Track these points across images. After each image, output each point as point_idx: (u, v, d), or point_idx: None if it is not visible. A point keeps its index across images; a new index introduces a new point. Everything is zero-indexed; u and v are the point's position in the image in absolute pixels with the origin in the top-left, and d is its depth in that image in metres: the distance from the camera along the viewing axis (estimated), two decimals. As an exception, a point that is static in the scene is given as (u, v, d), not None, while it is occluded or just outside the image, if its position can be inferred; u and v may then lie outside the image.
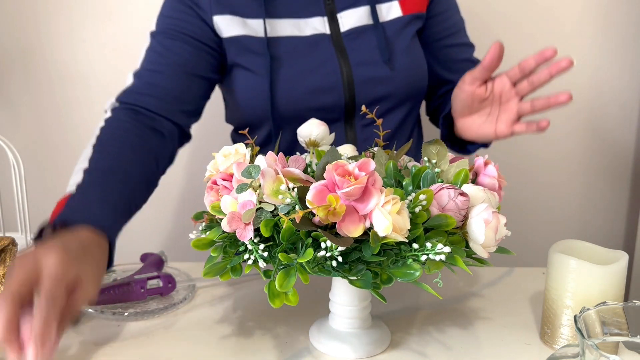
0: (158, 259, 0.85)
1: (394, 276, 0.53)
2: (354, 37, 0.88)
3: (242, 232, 0.53)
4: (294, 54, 0.87)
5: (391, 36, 0.89)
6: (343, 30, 0.88)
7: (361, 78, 0.86)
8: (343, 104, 0.87)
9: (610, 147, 1.52)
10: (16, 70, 1.46)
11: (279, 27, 0.87)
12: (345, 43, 0.87)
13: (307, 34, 0.87)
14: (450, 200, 0.55)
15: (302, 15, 0.88)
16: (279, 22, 0.87)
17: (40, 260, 0.52)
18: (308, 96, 0.85)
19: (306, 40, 0.87)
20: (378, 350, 0.64)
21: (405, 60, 0.89)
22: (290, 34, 0.87)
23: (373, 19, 0.88)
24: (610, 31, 1.44)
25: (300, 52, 0.87)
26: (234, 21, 0.86)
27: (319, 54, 0.87)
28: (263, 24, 0.86)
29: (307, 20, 0.88)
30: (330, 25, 0.88)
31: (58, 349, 0.64)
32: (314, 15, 0.88)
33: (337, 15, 0.88)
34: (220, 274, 0.57)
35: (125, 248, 1.60)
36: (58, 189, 1.54)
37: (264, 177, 0.53)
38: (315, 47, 0.87)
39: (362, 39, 0.88)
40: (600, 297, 0.59)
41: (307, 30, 0.87)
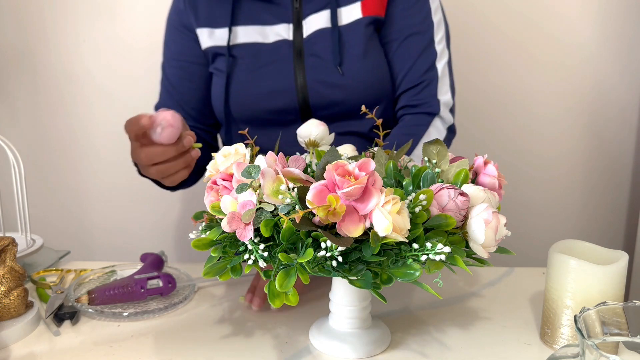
0: (158, 259, 0.85)
1: (394, 276, 0.53)
2: (313, 41, 0.89)
3: (242, 232, 0.53)
4: (255, 59, 0.90)
5: (347, 40, 0.88)
6: (305, 35, 0.89)
7: (313, 81, 0.88)
8: (297, 106, 0.89)
9: (610, 148, 1.52)
10: (16, 70, 1.46)
11: (243, 34, 0.91)
12: (305, 47, 0.89)
13: (270, 41, 0.90)
14: (450, 200, 0.55)
15: (269, 22, 0.90)
16: (244, 29, 0.91)
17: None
18: (262, 98, 0.89)
19: (268, 46, 0.90)
20: (378, 350, 0.64)
21: (358, 65, 0.87)
22: (254, 40, 0.90)
23: (332, 22, 0.89)
24: (610, 31, 1.44)
25: (261, 58, 0.90)
26: (205, 33, 0.92)
27: (278, 59, 0.89)
28: (228, 32, 0.90)
29: (272, 27, 0.90)
30: (294, 31, 0.89)
31: (58, 349, 0.64)
32: (280, 22, 0.90)
33: (303, 21, 0.90)
34: (220, 274, 0.57)
35: (125, 248, 1.61)
36: (58, 189, 1.55)
37: (264, 177, 0.53)
38: (275, 53, 0.90)
39: (320, 43, 0.89)
40: (600, 297, 0.59)
41: (271, 36, 0.90)
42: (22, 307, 0.68)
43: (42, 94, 1.48)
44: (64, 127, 1.50)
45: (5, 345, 0.64)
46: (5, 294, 0.66)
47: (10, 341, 0.65)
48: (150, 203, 1.54)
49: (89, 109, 1.48)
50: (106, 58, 1.45)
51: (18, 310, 0.67)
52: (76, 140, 1.51)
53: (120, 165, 1.51)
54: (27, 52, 1.45)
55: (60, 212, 1.54)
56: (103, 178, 1.53)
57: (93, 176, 1.53)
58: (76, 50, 1.44)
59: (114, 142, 1.50)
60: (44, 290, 0.79)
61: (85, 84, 1.47)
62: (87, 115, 1.49)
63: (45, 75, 1.46)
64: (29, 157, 1.49)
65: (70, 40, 1.44)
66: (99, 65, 1.45)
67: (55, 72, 1.46)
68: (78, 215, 1.55)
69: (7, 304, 0.66)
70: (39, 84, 1.47)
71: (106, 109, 1.48)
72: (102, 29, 1.43)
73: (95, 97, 1.47)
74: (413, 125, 0.90)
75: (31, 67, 1.46)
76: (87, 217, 1.56)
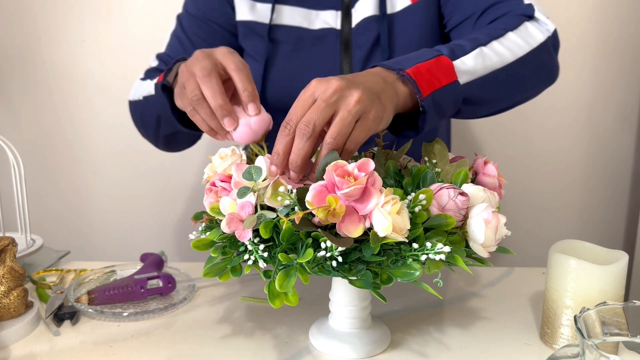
0: (158, 259, 0.85)
1: (394, 276, 0.53)
2: (361, 31, 0.84)
3: (241, 233, 0.53)
4: (297, 46, 0.84)
5: (399, 29, 0.83)
6: (354, 24, 0.84)
7: None
8: None
9: (610, 147, 1.52)
10: (16, 70, 1.46)
11: (287, 14, 0.85)
12: (353, 39, 0.84)
13: (315, 28, 0.84)
14: (450, 200, 0.55)
15: (315, 6, 0.84)
16: (288, 10, 0.85)
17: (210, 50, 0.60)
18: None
19: (313, 33, 0.84)
20: (378, 350, 0.64)
21: None
22: (298, 24, 0.84)
23: (380, 10, 0.82)
24: (610, 31, 1.43)
25: (304, 45, 0.84)
26: (245, 5, 0.86)
27: (323, 49, 0.84)
28: (271, 10, 0.84)
29: (318, 13, 0.84)
30: (343, 20, 0.84)
31: (58, 349, 0.64)
32: (327, 8, 0.84)
33: (352, 9, 0.84)
34: (219, 275, 0.57)
35: (125, 248, 1.61)
36: (58, 189, 1.55)
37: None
38: (320, 42, 0.84)
39: (367, 34, 0.83)
40: (600, 297, 0.59)
41: (317, 23, 0.84)
42: (22, 307, 0.68)
43: (42, 94, 1.48)
44: (64, 127, 1.50)
45: (5, 345, 0.64)
46: (5, 294, 0.66)
47: (10, 341, 0.65)
48: (150, 203, 1.54)
49: (89, 109, 1.48)
50: (106, 58, 1.45)
51: (18, 310, 0.67)
52: (76, 140, 1.51)
53: (121, 165, 1.52)
54: (27, 52, 1.45)
55: (60, 212, 1.54)
56: (103, 178, 1.53)
57: (93, 176, 1.53)
58: (76, 50, 1.44)
59: (114, 142, 1.50)
60: (44, 290, 0.79)
61: (85, 84, 1.47)
62: (87, 115, 1.49)
63: (46, 75, 1.46)
64: (29, 157, 1.49)
65: (70, 40, 1.44)
66: (99, 65, 1.45)
67: (55, 72, 1.46)
68: (78, 215, 1.55)
69: (7, 304, 0.66)
70: (39, 84, 1.47)
71: (106, 109, 1.48)
72: (102, 28, 1.43)
73: (95, 97, 1.47)
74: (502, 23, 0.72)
75: (31, 67, 1.46)
76: (87, 217, 1.56)
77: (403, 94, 0.58)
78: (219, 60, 0.60)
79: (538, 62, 0.71)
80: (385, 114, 0.56)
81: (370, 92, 0.55)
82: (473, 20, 0.79)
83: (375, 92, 0.55)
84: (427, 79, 0.58)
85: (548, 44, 0.72)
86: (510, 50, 0.67)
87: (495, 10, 0.77)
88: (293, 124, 0.54)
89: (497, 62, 0.65)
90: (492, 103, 0.68)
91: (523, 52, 0.68)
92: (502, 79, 0.66)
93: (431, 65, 0.60)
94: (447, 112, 0.62)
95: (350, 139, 0.54)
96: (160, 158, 1.50)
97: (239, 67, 0.59)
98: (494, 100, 0.68)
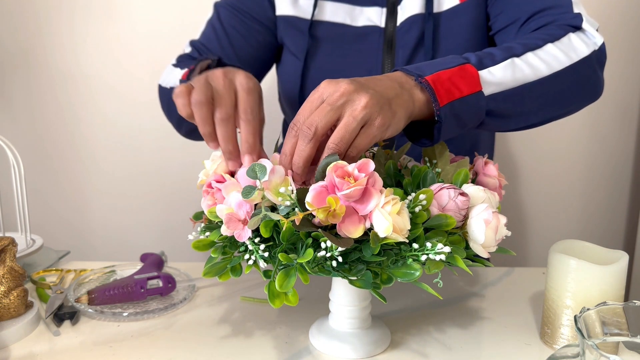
0: (158, 259, 0.85)
1: (394, 276, 0.53)
2: (405, 30, 0.81)
3: (240, 233, 0.53)
4: (338, 43, 0.82)
5: (445, 29, 0.79)
6: (399, 23, 0.81)
7: None
8: None
9: (610, 147, 1.52)
10: (16, 70, 1.46)
11: (330, 10, 0.83)
12: (397, 37, 0.81)
13: (358, 25, 0.82)
14: (450, 200, 0.55)
15: (360, 2, 0.82)
16: (332, 5, 0.83)
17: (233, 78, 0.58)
18: None
19: (355, 30, 0.82)
20: (378, 350, 0.64)
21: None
22: (340, 20, 0.82)
23: (426, 7, 0.79)
24: (610, 31, 1.43)
25: (345, 42, 0.82)
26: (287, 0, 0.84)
27: (365, 48, 0.81)
28: (313, 5, 0.82)
29: (362, 9, 0.82)
30: (388, 17, 0.81)
31: (58, 349, 0.64)
32: (372, 5, 0.82)
33: (398, 7, 0.81)
34: (219, 274, 0.57)
35: (125, 248, 1.61)
36: (58, 189, 1.55)
37: (274, 174, 0.53)
38: (363, 40, 0.82)
39: (411, 33, 0.80)
40: (600, 297, 0.59)
41: (360, 20, 0.82)
42: (22, 307, 0.68)
43: (43, 94, 1.48)
44: (64, 127, 1.50)
45: (5, 345, 0.64)
46: (5, 294, 0.66)
47: (10, 341, 0.65)
48: (150, 203, 1.54)
49: (89, 109, 1.48)
50: (106, 58, 1.45)
51: (18, 310, 0.67)
52: (76, 140, 1.51)
53: (121, 165, 1.52)
54: (26, 52, 1.45)
55: (60, 212, 1.54)
56: (103, 178, 1.53)
57: (93, 176, 1.53)
58: (75, 50, 1.44)
59: (114, 142, 1.50)
60: (44, 290, 0.79)
61: (85, 84, 1.47)
62: (86, 115, 1.49)
63: (46, 76, 1.46)
64: (28, 157, 1.49)
65: (70, 40, 1.44)
66: (98, 65, 1.45)
67: (55, 72, 1.46)
68: (78, 215, 1.55)
69: (7, 304, 0.66)
70: (40, 84, 1.47)
71: (106, 109, 1.48)
72: (102, 29, 1.43)
73: (95, 97, 1.47)
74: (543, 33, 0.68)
75: (31, 67, 1.46)
76: (87, 217, 1.56)
77: (419, 101, 0.56)
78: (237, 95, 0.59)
79: (578, 78, 0.66)
80: (395, 121, 0.54)
81: (380, 98, 0.53)
82: (517, 26, 0.76)
83: (386, 98, 0.54)
84: (447, 87, 0.56)
85: (592, 58, 0.67)
86: (546, 63, 0.63)
87: (541, 18, 0.73)
88: (299, 125, 0.53)
89: (530, 75, 0.61)
90: (522, 117, 0.64)
91: (562, 65, 0.64)
92: (534, 94, 0.62)
93: (454, 73, 0.57)
94: (468, 123, 0.59)
95: (353, 145, 0.53)
96: (161, 158, 1.50)
97: (248, 118, 0.58)
98: (524, 115, 0.64)
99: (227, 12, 0.87)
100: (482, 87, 0.58)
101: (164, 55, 1.42)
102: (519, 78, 0.61)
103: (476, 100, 0.58)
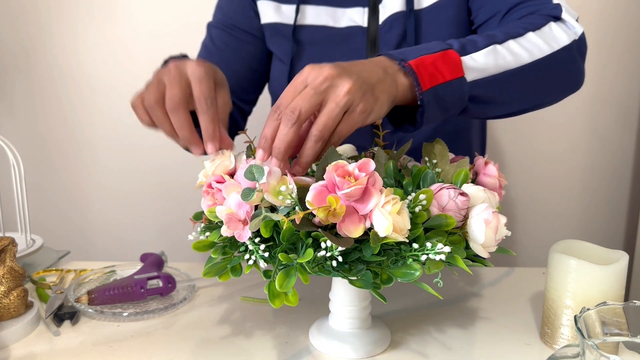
0: (158, 259, 0.85)
1: (394, 276, 0.53)
2: (388, 28, 0.82)
3: (240, 233, 0.53)
4: (322, 45, 0.83)
5: (425, 26, 0.80)
6: (381, 21, 0.82)
7: None
8: None
9: (610, 147, 1.52)
10: (17, 70, 1.46)
11: (312, 14, 0.84)
12: (380, 36, 0.81)
13: (341, 26, 0.83)
14: (450, 200, 0.55)
15: (342, 3, 0.83)
16: (314, 9, 0.84)
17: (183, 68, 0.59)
18: None
19: (339, 32, 0.83)
20: (378, 350, 0.64)
21: None
22: (323, 23, 0.83)
23: (407, 5, 0.80)
24: (610, 31, 1.44)
25: (330, 44, 0.83)
26: (270, 7, 0.86)
27: (349, 48, 0.82)
28: (295, 10, 0.83)
29: (345, 10, 0.83)
30: (370, 17, 0.82)
31: (58, 349, 0.64)
32: (354, 5, 0.82)
33: (380, 5, 0.82)
34: (219, 274, 0.57)
35: (125, 248, 1.61)
36: (58, 189, 1.55)
37: (270, 176, 0.53)
38: (347, 40, 0.82)
39: (394, 31, 0.81)
40: (600, 297, 0.59)
41: (343, 21, 0.83)
42: (22, 307, 0.68)
43: (43, 94, 1.48)
44: (64, 127, 1.50)
45: (5, 346, 0.64)
46: (5, 294, 0.66)
47: (10, 341, 0.65)
48: (150, 203, 1.54)
49: (89, 109, 1.48)
50: (105, 58, 1.45)
51: (18, 310, 0.67)
52: (76, 140, 1.51)
53: (120, 165, 1.52)
54: (26, 52, 1.45)
55: (60, 212, 1.54)
56: (103, 178, 1.53)
57: (93, 176, 1.53)
58: (75, 50, 1.44)
59: (113, 142, 1.50)
60: (44, 290, 0.79)
61: (86, 84, 1.47)
62: (87, 115, 1.49)
63: (45, 76, 1.46)
64: (28, 157, 1.49)
65: (69, 40, 1.44)
66: (98, 65, 1.45)
67: (55, 73, 1.46)
68: (78, 215, 1.55)
69: (7, 304, 0.66)
70: (40, 84, 1.47)
71: (106, 109, 1.48)
72: (104, 29, 1.43)
73: (95, 97, 1.47)
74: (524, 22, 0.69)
75: (32, 67, 1.46)
76: (87, 217, 1.56)
77: (402, 85, 0.57)
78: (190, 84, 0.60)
79: (559, 66, 0.67)
80: (377, 106, 0.54)
81: (362, 83, 0.53)
82: (498, 18, 0.77)
83: (369, 84, 0.54)
84: (431, 72, 0.56)
85: (573, 47, 0.68)
86: (528, 50, 0.64)
87: (522, 9, 0.74)
88: (282, 108, 0.53)
89: (512, 61, 0.62)
90: (505, 104, 0.65)
91: (543, 54, 0.64)
92: (516, 80, 0.63)
93: (437, 58, 0.57)
94: (451, 109, 0.59)
95: (335, 132, 0.53)
96: (161, 158, 1.50)
97: (203, 108, 0.59)
98: (506, 102, 0.65)
99: (218, 30, 0.90)
100: (464, 73, 0.58)
101: (165, 55, 1.42)
102: (500, 65, 0.61)
103: (459, 86, 0.58)
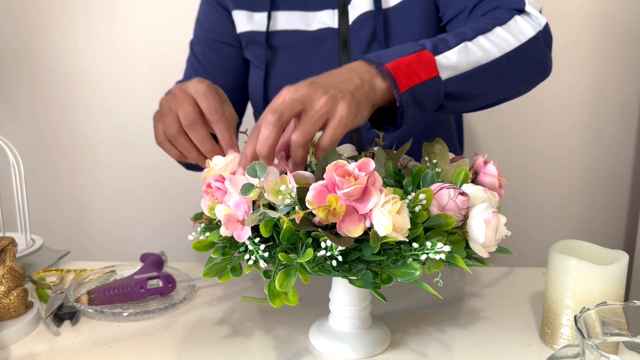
0: (158, 259, 0.85)
1: (394, 276, 0.53)
2: (358, 28, 0.83)
3: (239, 234, 0.53)
4: (297, 49, 0.85)
5: (396, 24, 0.82)
6: (351, 22, 0.83)
7: None
8: None
9: (610, 147, 1.52)
10: (17, 70, 1.46)
11: (284, 20, 0.85)
12: (350, 36, 0.83)
13: (313, 29, 0.85)
14: (450, 199, 0.55)
15: (312, 7, 0.85)
16: (285, 15, 0.85)
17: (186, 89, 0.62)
18: None
19: (311, 35, 0.84)
20: (378, 350, 0.64)
21: None
22: (296, 27, 0.85)
23: (375, 5, 0.82)
24: (610, 31, 1.43)
25: (303, 47, 0.85)
26: (243, 16, 0.87)
27: (322, 50, 0.84)
28: (267, 17, 0.85)
29: (315, 14, 0.85)
30: (340, 18, 0.83)
31: (58, 349, 0.64)
32: (323, 8, 0.84)
33: (348, 6, 0.83)
34: (219, 275, 0.57)
35: (125, 248, 1.61)
36: (58, 189, 1.55)
37: (270, 175, 0.53)
38: (319, 43, 0.84)
39: (364, 30, 0.83)
40: (600, 297, 0.59)
41: (315, 24, 0.85)
42: (22, 307, 0.68)
43: (43, 94, 1.48)
44: (64, 128, 1.50)
45: (5, 346, 0.64)
46: (5, 294, 0.66)
47: (10, 341, 0.65)
48: (150, 203, 1.54)
49: (89, 110, 1.48)
50: (106, 59, 1.45)
51: (18, 310, 0.67)
52: (76, 141, 1.51)
53: (120, 165, 1.52)
54: (26, 52, 1.45)
55: (60, 212, 1.54)
56: (103, 178, 1.53)
57: (93, 176, 1.53)
58: (75, 50, 1.44)
59: (113, 142, 1.50)
60: (44, 290, 0.79)
61: (87, 85, 1.47)
62: (86, 115, 1.49)
63: (45, 76, 1.46)
64: (28, 157, 1.49)
65: (69, 40, 1.44)
66: (98, 65, 1.45)
67: (54, 73, 1.46)
68: (78, 215, 1.55)
69: (6, 304, 0.66)
70: (39, 85, 1.47)
71: (106, 110, 1.48)
72: (102, 29, 1.43)
73: (95, 98, 1.47)
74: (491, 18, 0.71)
75: (32, 67, 1.46)
76: (87, 217, 1.56)
77: (381, 89, 0.58)
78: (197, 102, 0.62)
79: (527, 57, 0.69)
80: (360, 110, 0.55)
81: (339, 91, 0.55)
82: (465, 14, 0.79)
83: (347, 91, 0.55)
84: (407, 74, 0.58)
85: (539, 38, 0.70)
86: (497, 45, 0.66)
87: (487, 4, 0.76)
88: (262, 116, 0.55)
89: (482, 57, 0.64)
90: (479, 98, 0.67)
91: (511, 47, 0.67)
92: (487, 75, 0.65)
93: (412, 60, 0.59)
94: (428, 107, 0.61)
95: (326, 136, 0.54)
96: (161, 158, 1.50)
97: (215, 118, 0.61)
98: (480, 96, 0.67)
99: (200, 46, 0.92)
100: (439, 72, 0.60)
101: (166, 54, 1.42)
102: (472, 61, 0.63)
103: (434, 85, 0.60)
